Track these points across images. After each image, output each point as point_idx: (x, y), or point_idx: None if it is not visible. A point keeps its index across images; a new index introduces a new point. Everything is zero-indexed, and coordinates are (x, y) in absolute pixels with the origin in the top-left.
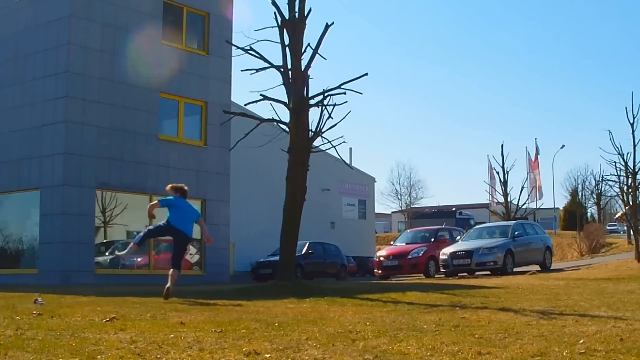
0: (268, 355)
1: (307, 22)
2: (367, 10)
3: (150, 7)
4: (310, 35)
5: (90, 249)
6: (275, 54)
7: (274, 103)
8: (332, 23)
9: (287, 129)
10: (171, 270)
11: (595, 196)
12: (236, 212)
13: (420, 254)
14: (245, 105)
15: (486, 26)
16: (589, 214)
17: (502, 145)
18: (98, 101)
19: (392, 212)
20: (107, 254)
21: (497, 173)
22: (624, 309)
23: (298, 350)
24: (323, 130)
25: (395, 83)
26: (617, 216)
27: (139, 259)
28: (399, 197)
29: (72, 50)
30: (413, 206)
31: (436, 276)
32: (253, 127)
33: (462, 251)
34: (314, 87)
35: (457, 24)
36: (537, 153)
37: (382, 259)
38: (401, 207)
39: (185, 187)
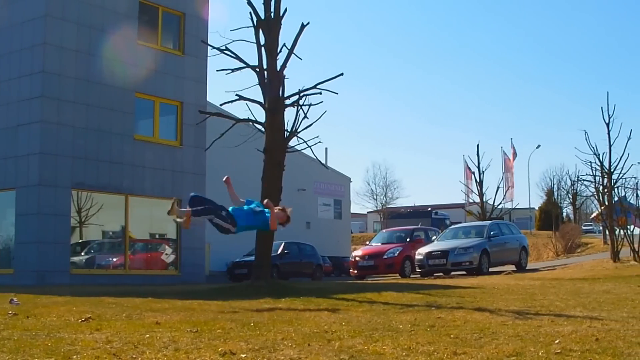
0: (244, 355)
1: (282, 22)
2: (342, 11)
3: (125, 7)
4: (285, 35)
5: (66, 249)
6: (251, 54)
7: (249, 103)
8: (308, 23)
9: (263, 129)
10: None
11: (570, 196)
12: None
13: (396, 254)
14: (221, 105)
15: (462, 26)
16: (564, 214)
17: (477, 145)
18: (73, 101)
19: (367, 212)
20: (82, 254)
21: (473, 173)
22: (599, 309)
23: (274, 350)
24: (299, 130)
25: (371, 83)
26: (592, 216)
27: (114, 259)
28: (375, 197)
29: (48, 50)
30: (389, 206)
31: (412, 276)
32: (229, 127)
33: (438, 251)
34: (290, 87)
35: (433, 24)
36: (515, 155)
37: (357, 259)
38: (377, 207)
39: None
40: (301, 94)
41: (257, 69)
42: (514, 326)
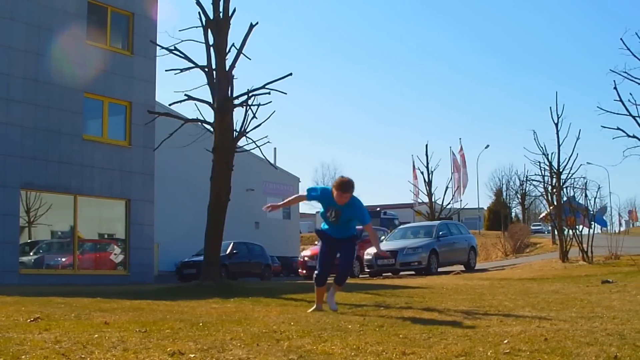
0: (192, 355)
1: (231, 22)
2: (291, 11)
3: (74, 7)
4: (235, 35)
5: (15, 249)
6: (199, 54)
7: (198, 103)
8: (257, 23)
9: (212, 129)
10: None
11: (519, 196)
12: (160, 212)
13: None
14: (170, 105)
15: (411, 26)
16: (513, 214)
17: (426, 145)
18: (22, 101)
19: (316, 212)
20: (31, 253)
21: (422, 173)
22: (548, 309)
23: (222, 350)
24: (247, 130)
25: (320, 83)
26: (541, 216)
27: (63, 259)
28: None
29: None
30: None
31: (360, 276)
32: (177, 127)
33: (387, 251)
34: (239, 87)
35: (382, 24)
36: (463, 159)
37: (306, 259)
38: None
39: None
40: (250, 94)
41: (206, 69)
42: (463, 326)
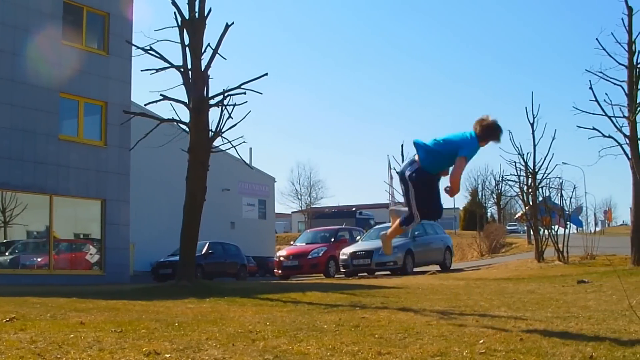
0: (168, 355)
1: (207, 22)
2: (267, 10)
3: (50, 7)
4: (210, 35)
5: None
6: (175, 54)
7: (174, 103)
8: (232, 23)
9: (187, 129)
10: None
11: (495, 196)
12: (136, 212)
13: (320, 254)
14: (146, 105)
15: (388, 25)
16: (489, 214)
17: (402, 145)
18: None
19: (292, 212)
20: (7, 253)
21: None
22: (524, 309)
23: (198, 350)
24: (223, 130)
25: (296, 83)
26: (517, 216)
27: (39, 259)
28: (299, 197)
29: None
30: (313, 206)
31: (336, 276)
32: (153, 127)
33: (362, 251)
34: (214, 87)
35: (359, 23)
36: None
37: (282, 259)
38: (301, 207)
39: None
40: (225, 94)
41: (182, 69)
42: (439, 326)
